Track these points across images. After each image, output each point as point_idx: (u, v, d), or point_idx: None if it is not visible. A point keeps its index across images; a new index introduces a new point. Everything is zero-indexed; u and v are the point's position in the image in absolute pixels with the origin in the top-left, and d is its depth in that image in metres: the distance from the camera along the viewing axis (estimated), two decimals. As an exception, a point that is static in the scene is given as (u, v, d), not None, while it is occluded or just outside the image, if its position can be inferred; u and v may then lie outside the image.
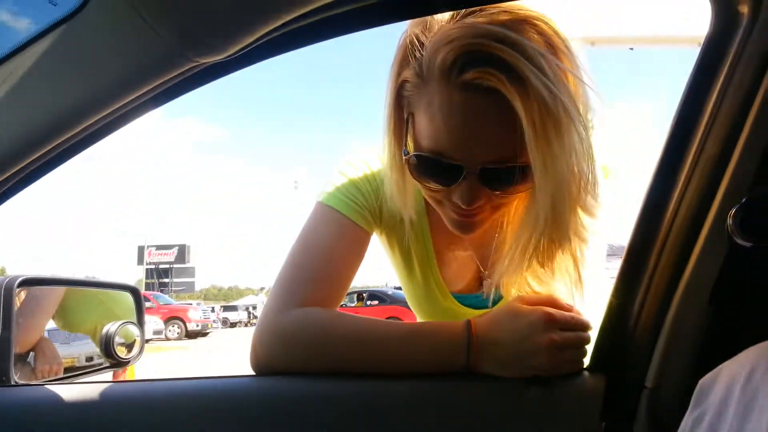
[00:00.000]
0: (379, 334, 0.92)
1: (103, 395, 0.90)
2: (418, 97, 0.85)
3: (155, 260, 60.00)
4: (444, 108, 0.82)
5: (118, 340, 1.17)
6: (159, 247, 61.60)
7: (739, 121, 0.75)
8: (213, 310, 31.90)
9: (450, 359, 0.89)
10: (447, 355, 0.89)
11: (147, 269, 59.72)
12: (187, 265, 60.95)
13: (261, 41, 0.67)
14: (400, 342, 0.91)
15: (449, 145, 0.84)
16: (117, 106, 0.74)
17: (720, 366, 0.58)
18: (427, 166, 0.88)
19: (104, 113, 0.75)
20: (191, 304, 29.45)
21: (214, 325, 28.08)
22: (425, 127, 0.85)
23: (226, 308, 38.34)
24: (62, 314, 1.26)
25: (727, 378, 0.55)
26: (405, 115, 0.90)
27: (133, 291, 1.25)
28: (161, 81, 0.71)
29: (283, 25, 0.67)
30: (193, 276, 63.04)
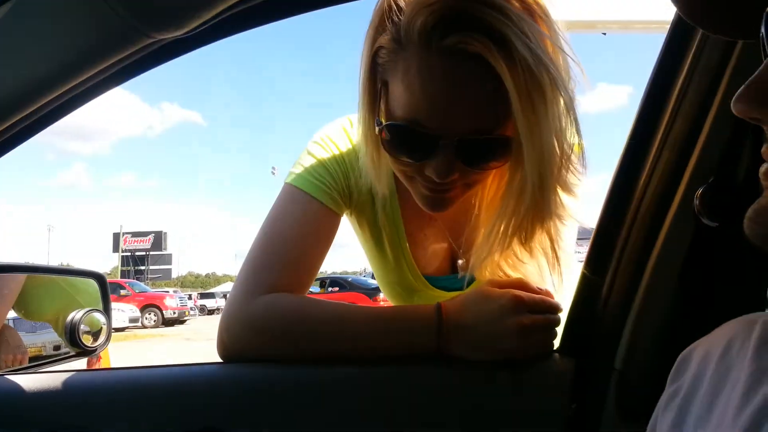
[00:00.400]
0: (349, 319, 0.91)
1: (66, 384, 0.88)
2: (394, 63, 0.81)
3: (131, 248, 59.34)
4: (423, 74, 0.78)
5: (83, 328, 1.15)
6: (135, 234, 60.93)
7: (705, 103, 0.74)
8: (190, 298, 31.67)
9: (421, 343, 0.88)
10: (418, 338, 0.88)
11: (123, 257, 59.06)
12: (163, 252, 60.40)
13: (223, 16, 0.65)
14: (370, 327, 0.90)
15: (426, 114, 0.80)
16: (74, 83, 0.72)
17: (697, 341, 0.58)
18: (401, 137, 0.84)
19: (60, 91, 0.72)
20: (168, 291, 29.19)
21: (192, 312, 27.91)
22: (401, 95, 0.81)
23: (203, 295, 38.07)
24: (22, 302, 1.22)
25: (702, 352, 0.55)
26: (378, 85, 0.86)
27: (98, 277, 1.22)
28: (119, 58, 0.69)
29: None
30: (169, 263, 62.53)
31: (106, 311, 1.21)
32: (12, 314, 1.24)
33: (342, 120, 1.06)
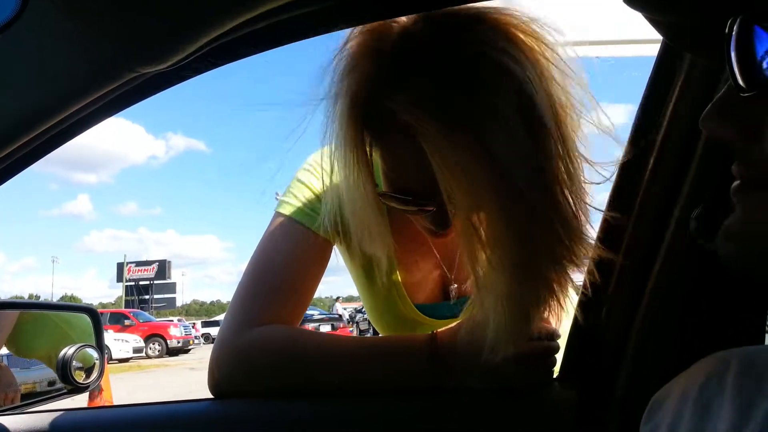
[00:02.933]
0: (340, 350, 0.89)
1: (54, 425, 0.86)
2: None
3: (135, 277, 59.21)
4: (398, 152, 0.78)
5: (75, 364, 1.13)
6: (139, 264, 60.84)
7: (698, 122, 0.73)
8: (194, 326, 31.50)
9: (413, 372, 0.86)
10: (410, 367, 0.86)
11: (127, 286, 58.90)
12: (167, 281, 60.23)
13: (206, 49, 0.65)
14: (362, 357, 0.88)
15: (414, 186, 0.80)
16: (58, 119, 0.71)
17: (672, 380, 0.57)
18: (395, 201, 0.82)
19: (44, 127, 0.71)
20: (172, 320, 29.04)
21: (196, 341, 27.73)
22: (385, 165, 0.81)
23: (206, 324, 37.84)
24: (14, 340, 1.21)
25: (680, 391, 0.54)
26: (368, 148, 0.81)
27: (91, 313, 1.20)
28: (104, 92, 0.68)
29: (231, 31, 0.64)
30: (174, 292, 62.30)
31: (99, 347, 1.19)
32: (4, 351, 1.22)
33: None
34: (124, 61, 0.63)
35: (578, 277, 0.84)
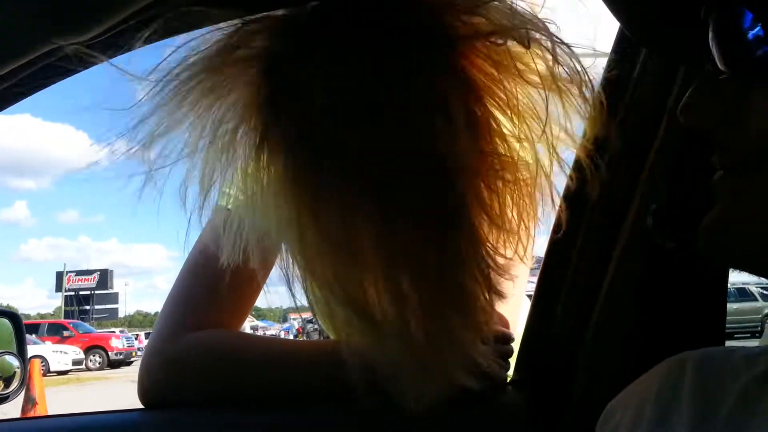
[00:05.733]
0: (279, 352, 0.83)
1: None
2: None
3: (75, 287, 57.09)
4: None
5: (-7, 373, 1.03)
6: (79, 273, 58.73)
7: (654, 116, 0.72)
8: (137, 338, 30.60)
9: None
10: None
11: (66, 296, 56.72)
12: (109, 291, 58.32)
13: (130, 23, 0.58)
14: (307, 361, 0.82)
15: None
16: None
17: (628, 386, 0.56)
18: None
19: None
20: (114, 331, 28.13)
21: (138, 353, 26.90)
22: None
23: (148, 335, 36.82)
24: None
25: (636, 396, 0.53)
26: None
27: (12, 317, 1.10)
28: (14, 66, 0.61)
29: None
30: (116, 302, 60.34)
31: (21, 354, 1.10)
32: None
33: None
34: (37, 29, 0.56)
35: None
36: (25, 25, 0.56)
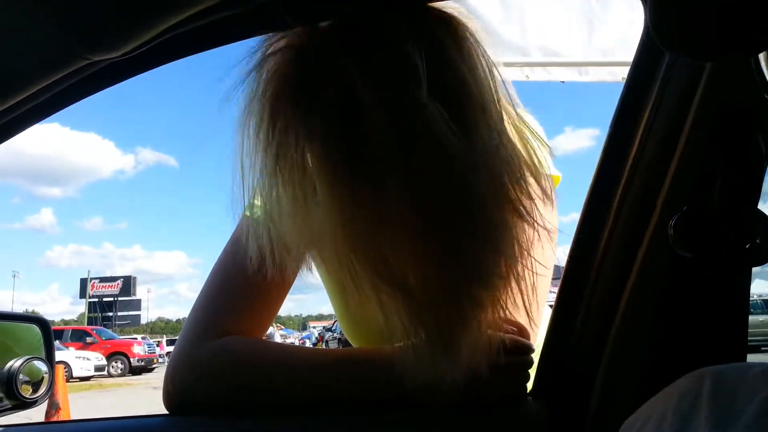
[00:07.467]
0: (308, 363, 0.84)
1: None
2: None
3: (99, 293, 57.79)
4: None
5: (22, 378, 1.05)
6: (103, 279, 59.47)
7: (675, 129, 0.72)
8: (159, 344, 30.84)
9: (385, 387, 0.82)
10: (382, 382, 0.82)
11: (90, 303, 57.42)
12: (132, 297, 58.94)
13: (163, 38, 0.61)
14: (331, 370, 0.83)
15: None
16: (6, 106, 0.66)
17: (647, 402, 0.56)
18: None
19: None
20: (136, 338, 28.40)
21: (160, 359, 27.11)
22: None
23: (171, 342, 37.04)
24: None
25: (655, 412, 0.53)
26: None
27: (42, 323, 1.13)
28: (54, 80, 0.63)
29: (192, 18, 0.60)
30: (138, 309, 60.98)
31: (49, 359, 1.12)
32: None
33: None
34: (72, 46, 0.59)
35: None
36: (61, 42, 0.58)
